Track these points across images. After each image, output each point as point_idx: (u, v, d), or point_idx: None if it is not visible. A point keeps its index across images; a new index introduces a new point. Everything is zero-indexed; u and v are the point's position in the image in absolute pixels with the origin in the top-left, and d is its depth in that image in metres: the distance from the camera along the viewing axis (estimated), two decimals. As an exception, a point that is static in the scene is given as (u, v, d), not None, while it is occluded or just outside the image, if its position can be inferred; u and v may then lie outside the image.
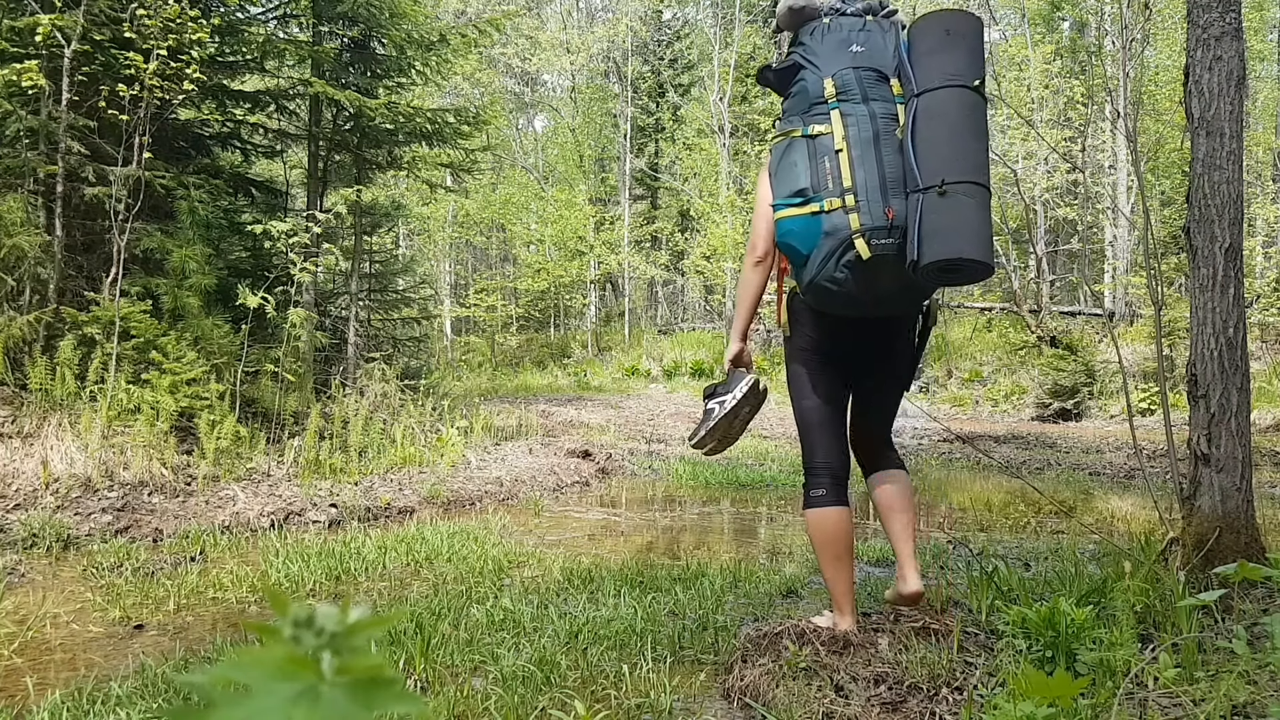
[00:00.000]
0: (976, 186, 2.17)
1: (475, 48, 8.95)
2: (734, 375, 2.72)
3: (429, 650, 2.53)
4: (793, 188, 2.32)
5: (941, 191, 2.13)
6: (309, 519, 4.83)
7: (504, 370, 18.26)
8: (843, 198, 2.25)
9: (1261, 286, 13.52)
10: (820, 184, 2.28)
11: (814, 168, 2.29)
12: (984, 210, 2.19)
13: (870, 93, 2.32)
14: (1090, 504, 5.47)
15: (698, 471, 6.62)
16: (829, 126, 2.31)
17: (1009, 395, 12.91)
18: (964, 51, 2.26)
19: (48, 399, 4.98)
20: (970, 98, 2.23)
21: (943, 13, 2.32)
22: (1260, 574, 2.13)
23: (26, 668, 2.59)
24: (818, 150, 2.30)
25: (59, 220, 5.49)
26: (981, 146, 2.24)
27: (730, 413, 2.64)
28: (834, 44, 2.38)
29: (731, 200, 18.59)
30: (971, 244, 2.13)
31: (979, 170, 2.20)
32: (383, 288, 8.49)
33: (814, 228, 2.28)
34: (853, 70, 2.33)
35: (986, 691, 2.14)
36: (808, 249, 2.30)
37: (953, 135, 2.20)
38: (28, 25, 5.26)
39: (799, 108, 2.39)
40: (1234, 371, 2.68)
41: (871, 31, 2.39)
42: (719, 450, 2.75)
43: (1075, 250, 19.97)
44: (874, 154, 2.26)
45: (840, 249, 2.25)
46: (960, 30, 2.28)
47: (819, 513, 2.50)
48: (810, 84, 2.36)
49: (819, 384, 2.54)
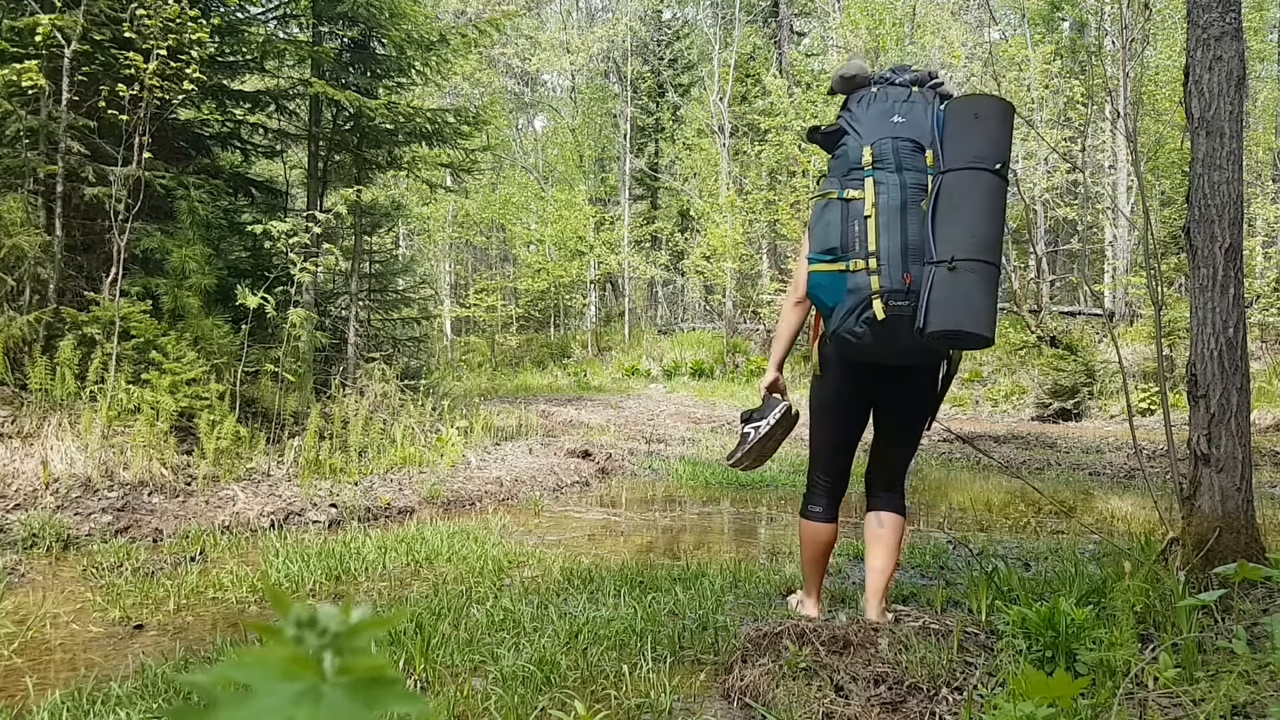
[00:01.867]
0: (985, 264, 2.35)
1: (475, 48, 8.95)
2: (769, 401, 2.92)
3: (429, 650, 2.53)
4: (825, 245, 2.50)
5: (951, 267, 2.31)
6: (309, 519, 4.83)
7: (504, 370, 18.25)
8: (867, 260, 2.43)
9: (1261, 286, 13.51)
10: (849, 245, 2.46)
11: (845, 229, 2.47)
12: (990, 285, 2.36)
13: (905, 162, 2.47)
14: (1090, 504, 5.47)
15: (698, 471, 6.62)
16: (862, 192, 2.47)
17: (1009, 395, 12.91)
18: (989, 136, 2.42)
19: (48, 399, 4.98)
20: (991, 180, 2.39)
21: (976, 97, 2.56)
22: (1260, 574, 2.13)
23: (26, 668, 2.59)
24: (850, 213, 2.48)
25: (59, 220, 5.49)
26: (996, 227, 2.40)
27: (765, 436, 2.86)
28: (877, 114, 2.54)
29: (731, 200, 18.58)
30: (971, 319, 2.32)
31: (990, 250, 2.37)
32: (383, 288, 8.48)
33: (840, 284, 2.46)
34: (891, 140, 2.49)
35: (986, 691, 2.14)
36: (833, 302, 2.48)
37: (969, 215, 2.36)
38: (28, 25, 5.26)
39: (839, 170, 2.56)
40: (1234, 371, 2.68)
41: (915, 103, 2.54)
42: (754, 467, 2.99)
43: (1075, 250, 19.97)
44: (899, 222, 2.43)
45: (860, 306, 2.43)
46: (987, 114, 2.45)
47: (812, 525, 2.86)
48: (851, 150, 2.54)
49: (837, 428, 2.80)
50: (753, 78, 22.55)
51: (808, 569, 2.92)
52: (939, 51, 16.26)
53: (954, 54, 15.68)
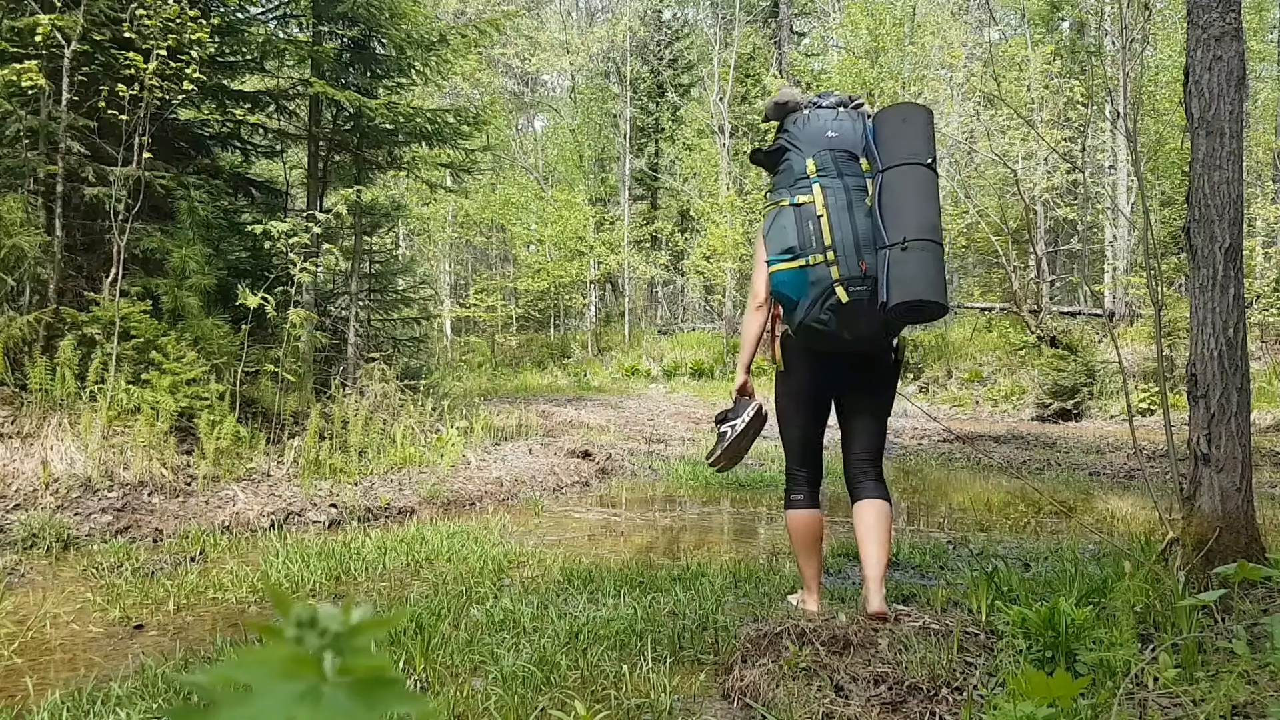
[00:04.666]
0: (931, 243, 2.64)
1: (475, 48, 8.94)
2: (740, 403, 3.14)
3: (429, 650, 2.53)
4: (783, 246, 2.77)
5: (904, 248, 2.61)
6: (309, 519, 4.83)
7: (504, 370, 18.24)
8: (824, 254, 2.72)
9: (1261, 286, 13.50)
10: (806, 242, 2.74)
11: (800, 229, 2.76)
12: (938, 261, 2.66)
13: (844, 169, 2.79)
14: (1090, 504, 5.47)
15: (697, 472, 6.62)
16: (811, 197, 2.77)
17: (1009, 395, 12.90)
18: (918, 136, 2.74)
19: (48, 399, 4.98)
20: (925, 173, 2.71)
21: (901, 105, 2.94)
22: (1260, 574, 2.13)
23: (26, 668, 2.59)
24: (802, 216, 2.76)
25: (59, 220, 5.49)
26: (934, 210, 2.71)
27: (740, 435, 3.09)
28: (814, 131, 2.85)
29: (731, 200, 18.58)
30: (929, 289, 2.60)
31: (933, 230, 2.67)
32: (383, 288, 8.48)
33: (802, 278, 2.74)
34: (829, 151, 2.80)
35: (986, 691, 2.14)
36: (797, 296, 2.75)
37: (912, 203, 2.67)
38: (28, 25, 5.26)
39: (786, 182, 2.85)
40: (1234, 371, 2.68)
41: (843, 120, 2.86)
42: (729, 467, 3.22)
43: (1075, 250, 19.97)
44: (848, 219, 2.73)
45: (824, 295, 2.71)
46: (913, 118, 2.78)
47: (796, 514, 2.98)
48: (795, 164, 2.83)
49: (804, 419, 3.02)
50: (753, 78, 22.56)
51: (802, 562, 2.98)
52: (939, 52, 16.26)
53: (954, 54, 15.67)
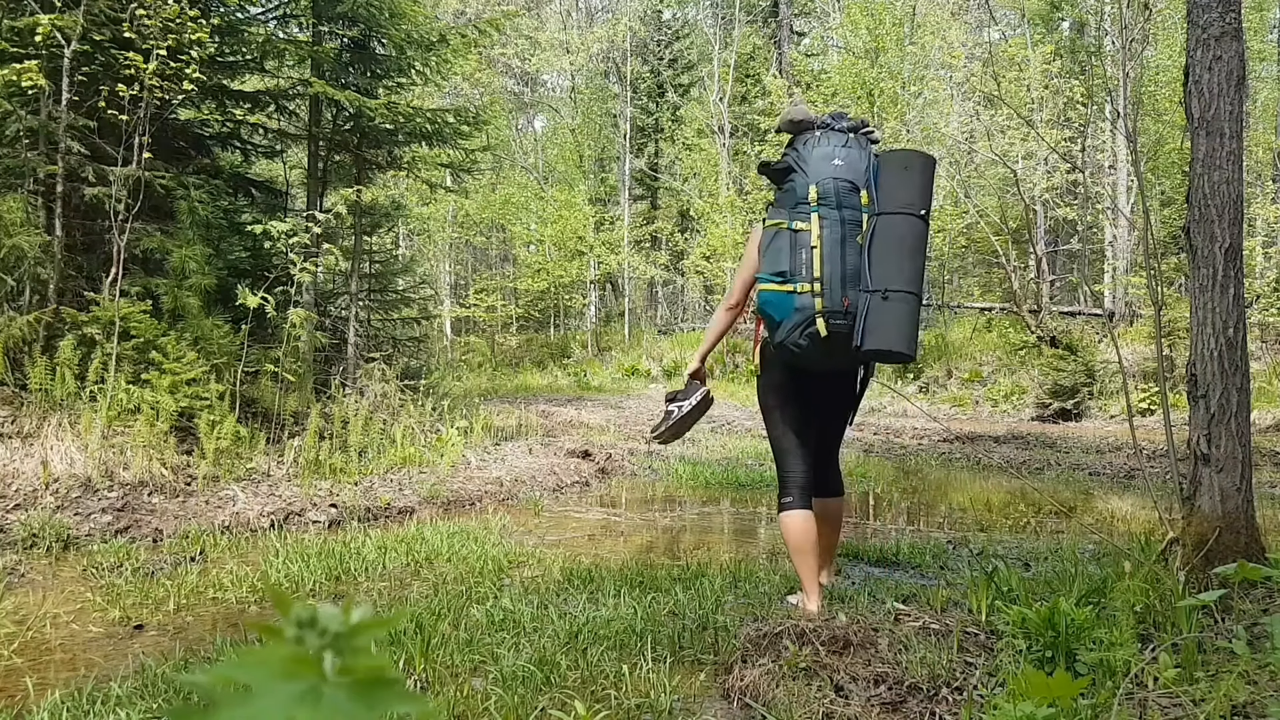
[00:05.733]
0: (911, 295, 2.79)
1: (475, 48, 8.94)
2: (691, 386, 3.39)
3: (429, 650, 2.53)
4: (776, 268, 2.89)
5: (885, 298, 2.75)
6: (309, 519, 4.83)
7: (504, 370, 18.24)
8: (812, 284, 2.83)
9: (1261, 286, 13.49)
10: (797, 270, 2.86)
11: (793, 256, 2.87)
12: (914, 314, 2.82)
13: (844, 201, 2.87)
14: (1090, 504, 5.47)
15: (698, 471, 6.62)
16: (809, 225, 2.86)
17: (1009, 395, 12.90)
18: (916, 186, 2.82)
19: (48, 399, 4.98)
20: (917, 225, 2.82)
21: (906, 152, 3.01)
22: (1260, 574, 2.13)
23: (26, 668, 2.59)
24: (798, 243, 2.87)
25: (59, 220, 5.49)
26: (920, 264, 2.84)
27: (685, 415, 3.33)
28: (821, 155, 2.91)
29: (731, 200, 18.58)
30: (901, 341, 2.76)
31: (914, 283, 2.81)
32: (383, 288, 8.48)
33: (788, 303, 2.86)
34: (833, 180, 2.87)
35: (986, 691, 2.14)
36: (781, 317, 2.88)
37: (899, 255, 2.78)
38: (28, 25, 5.26)
39: (788, 202, 2.93)
40: (1234, 371, 2.68)
41: (851, 148, 2.92)
42: (670, 441, 3.47)
43: (1075, 250, 19.97)
44: (839, 253, 2.84)
45: (805, 323, 2.84)
46: (915, 166, 2.86)
47: (789, 515, 3.06)
48: (799, 186, 2.91)
49: (788, 419, 3.13)
50: (753, 78, 22.57)
51: (799, 563, 3.03)
52: (939, 51, 16.25)
53: (954, 54, 15.67)
